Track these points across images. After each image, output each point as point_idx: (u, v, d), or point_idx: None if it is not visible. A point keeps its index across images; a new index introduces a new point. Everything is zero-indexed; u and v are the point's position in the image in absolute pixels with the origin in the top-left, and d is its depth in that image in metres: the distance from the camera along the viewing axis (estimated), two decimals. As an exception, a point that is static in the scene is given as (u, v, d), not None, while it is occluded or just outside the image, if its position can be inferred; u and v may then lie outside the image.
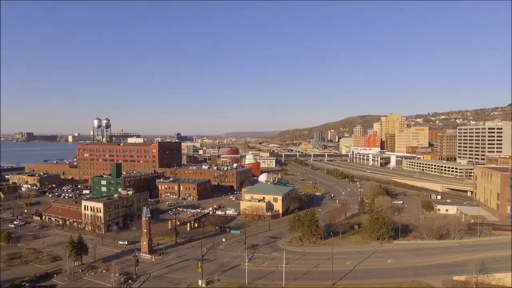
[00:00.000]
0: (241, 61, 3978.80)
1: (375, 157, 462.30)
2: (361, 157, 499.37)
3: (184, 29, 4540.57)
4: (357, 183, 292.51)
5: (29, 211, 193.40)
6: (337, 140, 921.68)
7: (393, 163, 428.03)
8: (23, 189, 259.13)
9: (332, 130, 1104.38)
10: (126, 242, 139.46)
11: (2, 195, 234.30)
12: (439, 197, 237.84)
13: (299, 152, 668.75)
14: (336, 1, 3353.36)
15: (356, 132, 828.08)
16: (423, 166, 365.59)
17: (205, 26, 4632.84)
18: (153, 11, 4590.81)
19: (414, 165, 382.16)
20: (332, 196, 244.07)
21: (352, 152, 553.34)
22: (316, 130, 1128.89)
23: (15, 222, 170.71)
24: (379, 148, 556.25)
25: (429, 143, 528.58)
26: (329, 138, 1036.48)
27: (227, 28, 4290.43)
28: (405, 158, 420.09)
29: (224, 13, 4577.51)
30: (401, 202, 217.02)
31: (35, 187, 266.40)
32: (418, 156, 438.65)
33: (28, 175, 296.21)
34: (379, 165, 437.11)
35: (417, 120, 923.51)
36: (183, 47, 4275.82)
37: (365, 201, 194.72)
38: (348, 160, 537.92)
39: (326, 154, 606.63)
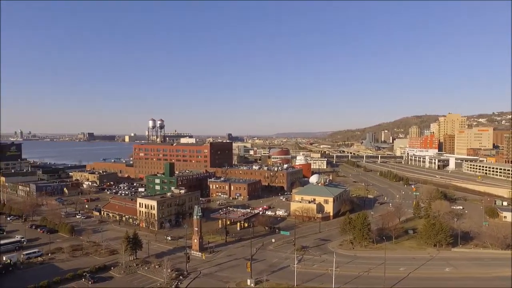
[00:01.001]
0: (292, 61, 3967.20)
1: (432, 159, 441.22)
2: (417, 159, 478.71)
3: (241, 30, 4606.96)
4: (412, 186, 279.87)
5: (89, 207, 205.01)
6: (391, 141, 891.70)
7: (452, 165, 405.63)
8: (84, 185, 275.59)
9: (386, 131, 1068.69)
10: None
11: (66, 191, 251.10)
12: (505, 203, 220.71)
13: (351, 153, 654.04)
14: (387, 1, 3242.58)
15: (412, 132, 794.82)
16: (486, 170, 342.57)
17: (261, 26, 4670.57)
18: (203, 11, 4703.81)
19: (476, 168, 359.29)
20: (385, 199, 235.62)
21: (407, 153, 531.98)
22: (369, 131, 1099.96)
23: (77, 216, 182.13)
24: (437, 150, 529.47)
25: (493, 144, 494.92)
26: (382, 139, 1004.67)
27: (284, 28, 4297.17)
28: (465, 161, 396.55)
29: (276, 12, 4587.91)
30: (461, 207, 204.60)
31: (95, 184, 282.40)
32: (480, 158, 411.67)
33: (89, 173, 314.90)
34: (436, 167, 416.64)
35: (480, 120, 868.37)
36: (235, 48, 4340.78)
37: (420, 205, 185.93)
38: (403, 162, 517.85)
39: (379, 155, 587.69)
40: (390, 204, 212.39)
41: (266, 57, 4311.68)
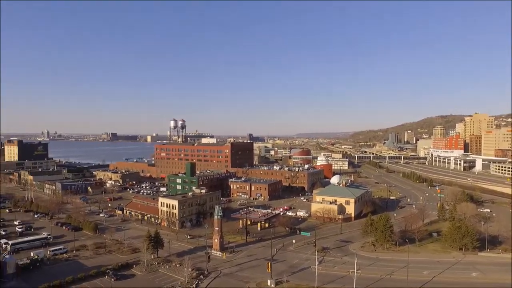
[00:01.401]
0: (313, 60, 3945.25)
1: (457, 160, 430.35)
2: (442, 160, 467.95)
3: (261, 29, 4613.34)
4: (437, 188, 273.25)
5: (112, 205, 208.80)
6: (414, 142, 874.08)
7: (478, 167, 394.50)
8: (107, 184, 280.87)
9: (409, 131, 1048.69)
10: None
11: (90, 190, 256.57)
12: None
13: (373, 154, 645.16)
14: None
15: (436, 133, 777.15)
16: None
17: (280, 25, 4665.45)
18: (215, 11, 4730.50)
19: (505, 170, 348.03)
20: (408, 200, 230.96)
21: (431, 154, 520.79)
22: (391, 131, 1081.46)
23: (101, 215, 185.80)
24: (462, 151, 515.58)
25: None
26: (405, 140, 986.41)
27: (305, 27, 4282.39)
28: (493, 162, 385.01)
29: (298, 11, 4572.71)
30: (489, 210, 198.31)
31: (118, 183, 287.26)
32: (510, 160, 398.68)
33: (112, 172, 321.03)
34: (462, 169, 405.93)
35: (509, 119, 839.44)
36: (256, 48, 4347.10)
37: (445, 208, 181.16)
38: (427, 163, 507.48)
39: (402, 156, 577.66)
40: (414, 206, 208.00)
41: (287, 56, 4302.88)
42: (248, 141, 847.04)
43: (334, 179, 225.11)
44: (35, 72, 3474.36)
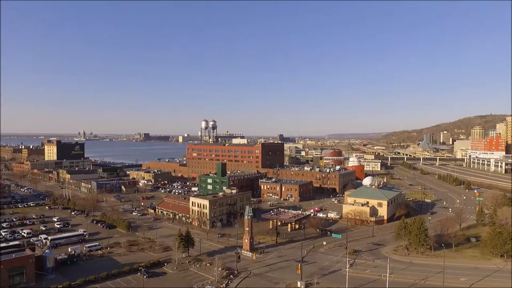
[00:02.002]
0: (344, 60, 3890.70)
1: (498, 162, 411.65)
2: (481, 162, 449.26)
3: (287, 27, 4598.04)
4: (475, 191, 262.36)
5: (145, 204, 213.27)
6: (450, 143, 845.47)
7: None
8: (140, 184, 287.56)
9: (445, 132, 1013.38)
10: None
11: (124, 189, 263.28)
12: None
13: (406, 155, 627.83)
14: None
15: (475, 134, 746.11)
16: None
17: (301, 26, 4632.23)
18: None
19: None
20: (444, 203, 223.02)
21: (469, 156, 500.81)
22: (426, 132, 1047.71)
23: (133, 213, 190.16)
24: (504, 153, 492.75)
25: None
26: (441, 141, 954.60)
27: (338, 27, 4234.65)
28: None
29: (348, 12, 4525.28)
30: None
31: (150, 183, 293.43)
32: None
33: (144, 172, 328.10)
34: (503, 171, 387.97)
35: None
36: (287, 48, 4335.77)
37: (484, 212, 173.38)
38: (464, 165, 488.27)
39: (437, 157, 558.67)
40: (450, 209, 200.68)
41: (317, 56, 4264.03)
42: (279, 141, 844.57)
43: (366, 181, 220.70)
44: (74, 77, 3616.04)
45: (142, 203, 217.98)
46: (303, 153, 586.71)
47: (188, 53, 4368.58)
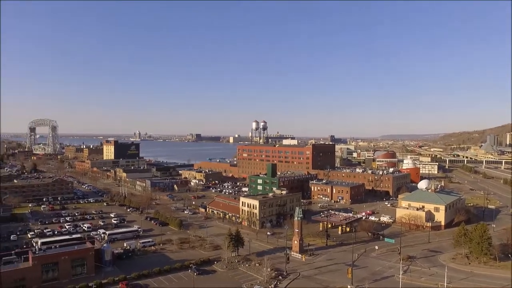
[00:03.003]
0: (396, 59, 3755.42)
1: None
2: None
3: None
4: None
5: (196, 203, 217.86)
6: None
7: None
8: (192, 183, 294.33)
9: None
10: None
11: (176, 188, 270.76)
12: None
13: (467, 157, 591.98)
14: None
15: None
16: None
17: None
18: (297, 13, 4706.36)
19: None
20: (510, 210, 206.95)
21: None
22: (490, 133, 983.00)
23: (185, 212, 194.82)
24: None
25: None
26: (507, 142, 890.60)
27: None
28: None
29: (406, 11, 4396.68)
30: None
31: (201, 182, 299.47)
32: None
33: (196, 172, 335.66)
34: None
35: None
36: (338, 48, 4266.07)
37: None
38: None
39: (503, 161, 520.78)
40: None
41: (368, 56, 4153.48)
42: (330, 142, 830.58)
43: (422, 184, 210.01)
44: (130, 80, 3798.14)
45: (194, 202, 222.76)
46: (354, 154, 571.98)
47: (241, 51, 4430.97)
